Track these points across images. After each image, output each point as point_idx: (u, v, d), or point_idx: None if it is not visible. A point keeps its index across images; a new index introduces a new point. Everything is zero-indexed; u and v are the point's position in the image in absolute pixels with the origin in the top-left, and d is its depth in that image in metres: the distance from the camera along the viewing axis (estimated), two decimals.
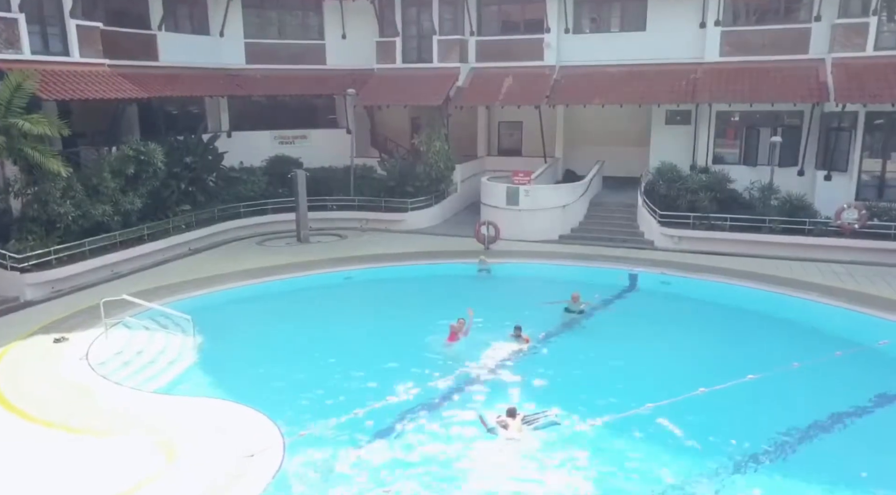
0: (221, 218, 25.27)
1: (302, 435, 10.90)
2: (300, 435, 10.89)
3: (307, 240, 24.80)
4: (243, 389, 12.95)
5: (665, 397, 11.87)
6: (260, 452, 10.39)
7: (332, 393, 12.68)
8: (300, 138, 30.78)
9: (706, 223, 22.99)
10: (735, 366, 13.59)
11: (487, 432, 11.37)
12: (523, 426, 11.43)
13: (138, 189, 21.77)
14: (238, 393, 12.72)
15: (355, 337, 15.76)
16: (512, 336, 15.10)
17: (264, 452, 10.39)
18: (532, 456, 10.74)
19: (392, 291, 19.73)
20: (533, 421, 11.71)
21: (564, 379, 13.44)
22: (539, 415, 11.88)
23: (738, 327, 16.68)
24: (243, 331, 16.35)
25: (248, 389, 12.96)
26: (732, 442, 11.16)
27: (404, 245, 24.00)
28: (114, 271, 20.61)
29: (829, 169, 23.49)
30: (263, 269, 20.67)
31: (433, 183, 27.55)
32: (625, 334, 16.10)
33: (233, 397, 12.52)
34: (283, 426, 11.24)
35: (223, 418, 11.56)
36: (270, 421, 11.37)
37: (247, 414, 11.70)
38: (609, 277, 20.27)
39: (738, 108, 25.13)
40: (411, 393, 12.65)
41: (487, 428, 11.43)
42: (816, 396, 12.93)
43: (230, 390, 12.97)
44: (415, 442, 11.19)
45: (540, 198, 25.04)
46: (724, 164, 25.29)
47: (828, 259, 21.16)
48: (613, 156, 30.06)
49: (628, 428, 11.40)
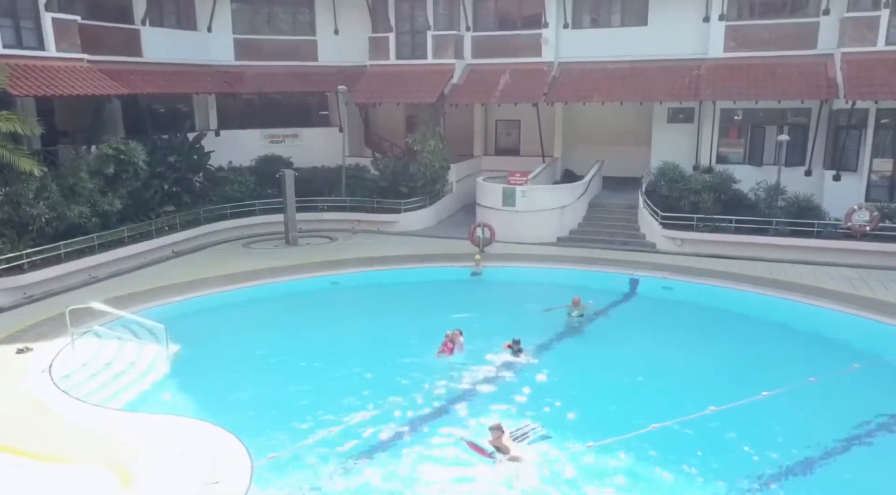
0: (207, 219, 24.37)
1: (272, 457, 9.99)
2: (269, 457, 9.99)
3: (295, 243, 23.90)
4: (214, 406, 12.08)
5: (671, 416, 10.95)
6: (225, 478, 9.47)
7: (308, 410, 11.76)
8: (291, 137, 29.90)
9: (710, 225, 22.09)
10: (747, 382, 12.71)
11: (489, 456, 10.46)
12: (515, 443, 10.54)
13: (118, 189, 20.87)
14: (208, 410, 11.86)
15: (338, 347, 14.82)
16: (508, 348, 14.08)
17: (229, 478, 9.47)
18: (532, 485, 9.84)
19: (380, 297, 18.83)
20: (521, 438, 10.80)
21: (563, 396, 12.42)
22: (524, 430, 10.96)
23: (747, 337, 15.71)
24: (221, 340, 15.44)
25: (219, 406, 12.09)
26: (747, 467, 10.30)
27: (396, 247, 23.10)
28: (91, 275, 19.69)
29: (838, 169, 22.59)
30: (246, 274, 19.77)
31: (427, 183, 26.66)
32: (626, 345, 15.13)
33: (202, 414, 11.64)
34: (252, 448, 10.32)
35: (189, 439, 10.64)
36: (239, 443, 10.45)
37: (215, 434, 10.78)
38: (609, 282, 19.35)
39: (743, 106, 24.20)
40: (395, 410, 11.75)
41: (488, 451, 10.51)
42: (836, 414, 11.98)
43: (200, 406, 12.10)
44: (396, 464, 10.30)
45: (537, 199, 24.13)
46: (728, 164, 24.38)
47: (839, 263, 20.25)
48: (614, 156, 29.15)
49: (632, 450, 10.46)
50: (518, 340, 14.04)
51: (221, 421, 11.19)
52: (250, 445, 10.41)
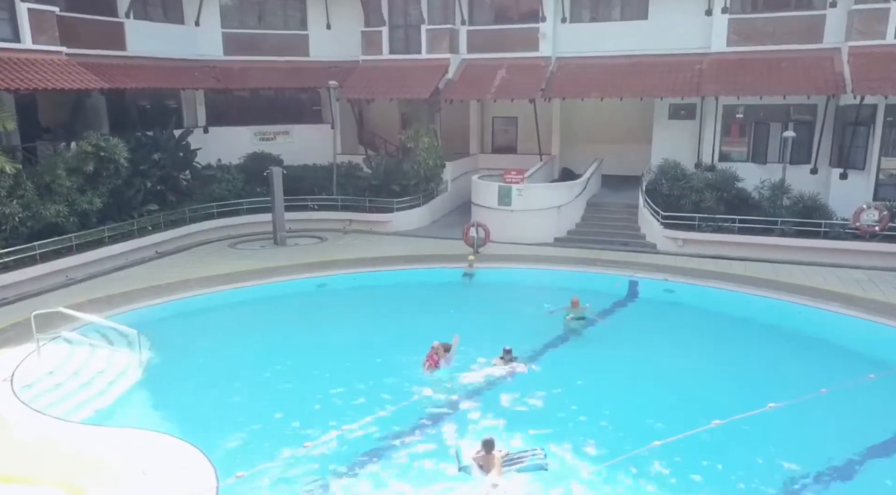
0: (193, 219, 23.58)
1: (239, 476, 9.19)
2: (237, 476, 9.19)
3: (283, 243, 23.12)
4: (184, 418, 11.30)
5: (673, 430, 10.14)
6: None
7: (283, 424, 11.02)
8: (282, 134, 29.13)
9: (712, 225, 21.33)
10: (753, 392, 11.97)
11: (459, 470, 9.66)
12: (504, 467, 9.70)
13: (98, 188, 20.08)
14: (177, 424, 11.10)
15: (319, 356, 13.97)
16: (500, 359, 13.20)
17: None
18: None
19: (368, 301, 18.03)
20: (516, 462, 9.97)
21: (557, 409, 11.60)
22: (525, 455, 10.14)
23: (752, 343, 14.88)
24: (197, 346, 14.63)
25: (189, 419, 11.31)
26: (754, 489, 9.51)
27: (387, 248, 22.31)
28: (68, 277, 18.90)
29: (844, 166, 21.82)
30: (229, 275, 18.98)
31: (421, 182, 25.87)
32: (624, 352, 14.29)
33: (171, 428, 10.88)
34: (221, 466, 9.56)
35: (153, 455, 9.88)
36: (207, 461, 9.69)
37: (181, 450, 10.03)
38: (607, 284, 18.55)
39: (747, 102, 23.40)
40: (376, 425, 10.91)
41: (460, 465, 9.71)
42: (852, 429, 11.20)
43: (169, 419, 11.31)
44: (374, 484, 9.50)
45: (534, 198, 23.34)
46: (731, 162, 23.57)
47: (847, 264, 19.49)
48: (613, 154, 28.41)
49: (630, 470, 9.65)
50: (510, 350, 13.16)
51: (190, 435, 10.47)
52: (219, 462, 9.70)
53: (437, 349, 12.68)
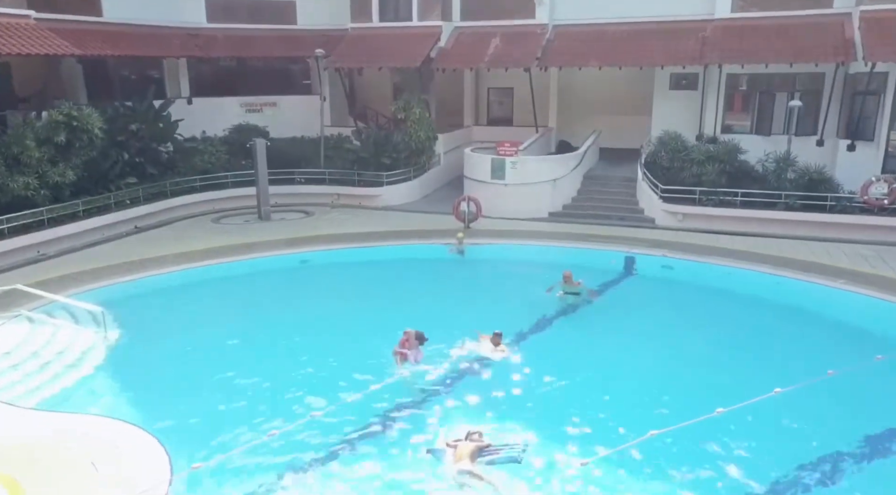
0: (174, 192, 22.72)
1: (196, 468, 8.43)
2: (193, 468, 8.44)
3: (268, 217, 22.26)
4: (146, 404, 10.57)
5: (672, 420, 9.37)
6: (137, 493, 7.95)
7: (250, 409, 10.25)
8: (269, 106, 28.13)
9: (714, 199, 20.48)
10: (757, 376, 11.25)
11: (428, 451, 8.92)
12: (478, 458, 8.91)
13: (71, 159, 19.17)
14: (138, 409, 10.40)
15: (294, 337, 13.17)
16: (487, 340, 12.28)
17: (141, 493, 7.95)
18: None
19: (351, 278, 17.18)
20: (492, 453, 9.14)
21: (545, 395, 10.83)
22: (500, 449, 9.28)
23: (756, 323, 14.08)
24: (167, 325, 13.86)
25: (151, 404, 10.58)
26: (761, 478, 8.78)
27: (375, 223, 21.46)
28: (40, 252, 18.08)
29: (853, 138, 20.85)
30: (208, 251, 18.13)
31: (412, 154, 24.96)
32: (620, 334, 13.49)
33: (130, 414, 10.15)
34: (178, 455, 8.81)
35: (105, 445, 9.12)
36: (162, 450, 8.93)
37: (137, 439, 9.28)
38: (603, 260, 17.75)
39: (752, 71, 22.35)
40: (348, 412, 10.11)
41: (429, 447, 8.97)
42: (860, 413, 10.50)
43: (130, 405, 10.60)
44: (341, 476, 8.76)
45: (528, 171, 22.45)
46: (734, 134, 22.59)
47: (854, 239, 18.68)
48: (612, 126, 27.44)
49: (624, 462, 8.87)
50: (500, 333, 12.22)
51: (150, 422, 9.76)
52: (177, 452, 8.92)
53: (410, 336, 11.51)
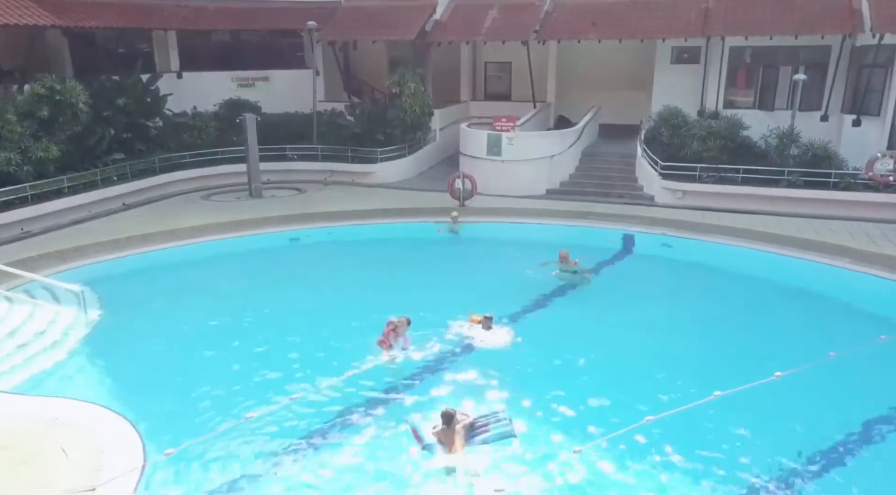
0: (164, 169, 22.21)
1: (168, 454, 8.09)
2: (166, 454, 8.09)
3: (259, 195, 21.78)
4: (124, 387, 10.23)
5: (670, 402, 9.03)
6: (106, 484, 7.60)
7: (231, 392, 9.87)
8: (261, 80, 27.43)
9: (715, 176, 19.99)
10: (757, 358, 10.87)
11: (423, 448, 8.55)
12: (468, 441, 8.56)
13: (55, 134, 18.67)
14: (116, 393, 10.07)
15: (280, 318, 12.75)
16: (478, 322, 11.84)
17: (111, 484, 7.60)
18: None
19: (342, 257, 16.73)
20: (481, 431, 8.79)
21: (538, 379, 10.40)
22: (488, 421, 8.93)
23: (756, 303, 13.63)
24: (152, 305, 13.44)
25: (130, 387, 10.24)
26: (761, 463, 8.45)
27: (369, 200, 20.98)
28: (23, 230, 17.63)
29: (858, 112, 20.33)
30: (196, 229, 17.69)
31: (407, 130, 24.40)
32: (617, 314, 13.04)
33: (106, 398, 9.77)
34: (153, 441, 8.47)
35: (78, 430, 8.75)
36: (137, 435, 8.58)
37: (111, 423, 8.92)
38: (601, 238, 17.33)
39: (756, 43, 21.72)
40: (331, 394, 9.77)
41: (423, 444, 8.59)
42: (861, 396, 10.14)
43: (108, 388, 10.26)
44: (320, 463, 8.41)
45: (525, 147, 21.91)
46: (736, 109, 22.01)
47: (858, 217, 18.22)
48: (612, 102, 26.90)
49: (621, 450, 8.50)
50: (490, 316, 11.77)
51: (127, 406, 9.41)
52: (152, 437, 8.58)
53: (395, 325, 10.98)
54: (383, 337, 10.92)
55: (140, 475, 7.81)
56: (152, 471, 7.93)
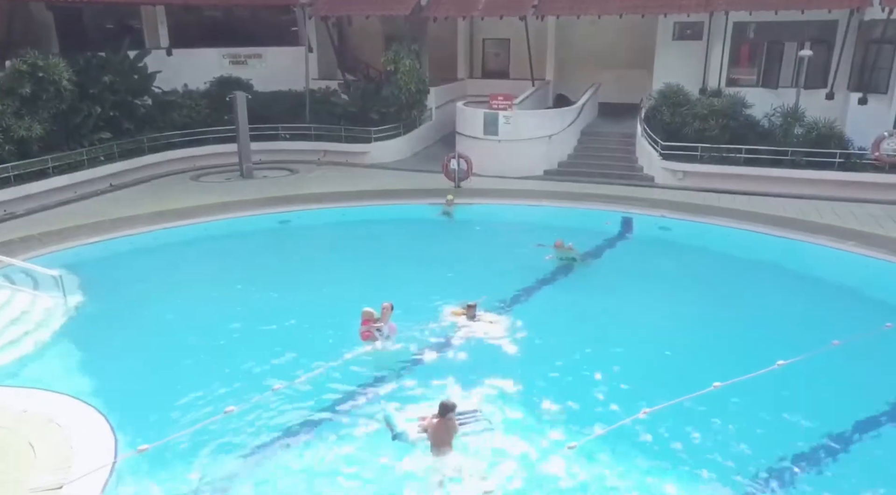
0: (152, 148, 21.73)
1: (142, 450, 7.71)
2: (139, 450, 7.71)
3: (250, 175, 21.30)
4: (100, 377, 9.84)
5: (666, 396, 8.63)
6: (74, 481, 7.24)
7: (211, 383, 9.45)
8: (254, 57, 26.80)
9: (716, 156, 19.50)
10: (757, 347, 10.46)
11: (393, 438, 8.17)
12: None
13: (38, 112, 18.16)
14: (91, 384, 9.69)
15: (264, 304, 12.25)
16: (461, 312, 11.33)
17: (79, 481, 7.24)
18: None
19: (332, 240, 16.33)
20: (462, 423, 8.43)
21: (530, 370, 9.92)
22: (467, 418, 8.54)
23: (757, 289, 13.20)
24: (133, 290, 13.01)
25: (106, 377, 9.84)
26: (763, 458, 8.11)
27: (362, 181, 20.52)
28: (6, 211, 17.25)
29: (865, 90, 19.76)
30: (182, 211, 17.26)
31: (403, 109, 23.84)
32: (612, 301, 12.63)
33: (78, 389, 9.36)
34: (127, 436, 8.10)
35: (48, 423, 8.38)
36: (109, 428, 8.21)
37: (83, 416, 8.55)
38: (599, 221, 16.86)
39: (760, 19, 21.06)
40: (311, 384, 9.37)
41: (394, 434, 8.22)
42: (866, 385, 9.73)
43: (80, 377, 9.87)
44: (300, 457, 8.06)
45: (522, 127, 21.38)
46: (739, 87, 21.42)
47: (864, 199, 17.80)
48: (613, 80, 26.38)
49: (616, 445, 8.12)
50: (473, 305, 11.26)
51: (102, 398, 9.03)
52: (126, 431, 8.21)
53: (369, 316, 10.49)
54: (364, 328, 10.47)
55: (110, 472, 7.45)
56: (123, 469, 7.56)
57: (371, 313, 10.51)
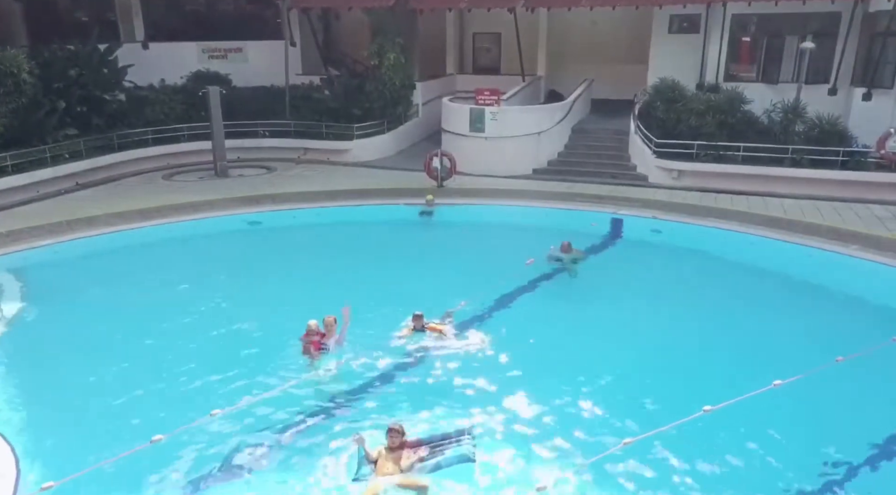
0: (123, 146, 20.73)
1: (46, 488, 6.73)
2: (43, 488, 6.73)
3: (225, 174, 20.32)
4: (16, 401, 8.82)
5: (650, 425, 7.66)
6: None
7: (146, 407, 8.50)
8: (234, 52, 25.85)
9: (713, 154, 18.50)
10: (753, 364, 9.54)
11: (354, 479, 7.20)
12: (415, 466, 7.27)
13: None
14: (12, 407, 8.62)
15: (215, 317, 11.20)
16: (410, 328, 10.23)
17: None
18: None
19: (301, 243, 15.20)
20: (437, 452, 7.49)
21: (501, 391, 8.95)
22: (449, 442, 7.66)
23: (753, 297, 12.19)
24: (81, 298, 11.94)
25: (23, 401, 8.83)
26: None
27: (342, 180, 19.55)
28: None
29: (869, 85, 18.74)
30: (145, 212, 16.22)
31: (387, 105, 22.85)
32: (594, 311, 11.62)
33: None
34: (28, 470, 7.15)
35: None
36: (13, 462, 7.25)
37: None
38: (587, 222, 15.87)
39: (760, 10, 20.05)
40: (255, 408, 8.39)
41: (357, 473, 7.24)
42: (873, 407, 8.78)
43: (5, 400, 8.82)
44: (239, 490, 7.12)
45: (510, 123, 20.38)
46: (738, 82, 20.41)
47: (868, 199, 16.79)
48: (607, 75, 25.41)
49: (594, 479, 7.19)
50: (420, 314, 10.17)
51: (15, 425, 8.11)
52: (33, 465, 7.26)
53: (313, 330, 9.52)
54: (305, 345, 9.48)
55: None
56: None
57: (312, 328, 9.52)
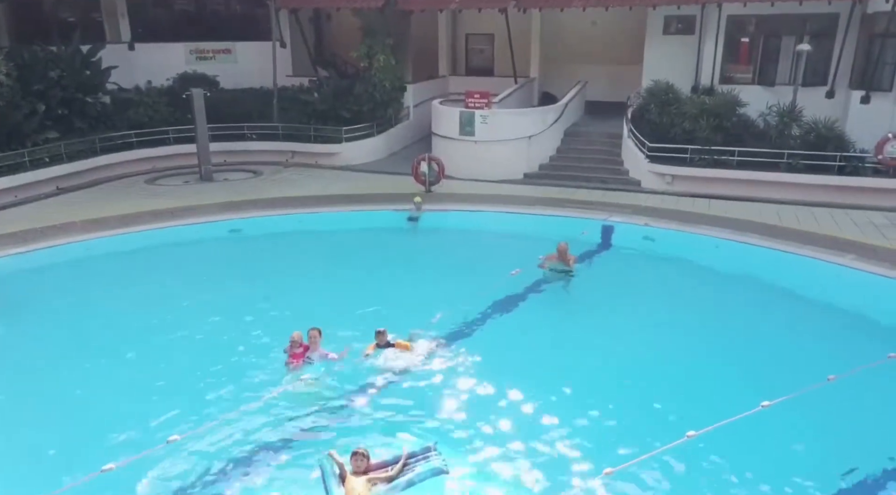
0: (105, 149, 20.36)
1: None
2: None
3: (210, 178, 19.94)
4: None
5: (632, 453, 7.26)
6: None
7: (111, 427, 8.09)
8: (223, 52, 25.44)
9: (707, 158, 18.11)
10: (740, 384, 9.11)
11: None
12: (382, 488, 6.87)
13: None
14: None
15: (187, 331, 10.73)
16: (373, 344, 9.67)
17: None
18: None
19: (282, 252, 14.72)
20: (406, 470, 7.10)
21: (474, 411, 8.56)
22: (416, 460, 7.26)
23: (742, 311, 11.76)
24: (45, 312, 11.52)
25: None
26: None
27: (329, 185, 19.13)
28: None
29: (867, 88, 18.30)
30: (125, 217, 15.79)
31: (377, 107, 22.44)
32: (578, 326, 11.15)
33: None
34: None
35: None
36: None
37: None
38: (578, 229, 15.41)
39: (755, 11, 19.63)
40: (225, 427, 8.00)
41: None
42: (867, 430, 8.37)
43: None
44: None
45: (501, 126, 19.97)
46: (734, 85, 19.98)
47: (866, 205, 16.39)
48: (602, 77, 25.07)
49: None
50: (383, 330, 9.61)
51: None
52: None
53: (296, 341, 9.21)
54: (289, 357, 9.11)
55: None
56: None
57: (296, 339, 9.16)
